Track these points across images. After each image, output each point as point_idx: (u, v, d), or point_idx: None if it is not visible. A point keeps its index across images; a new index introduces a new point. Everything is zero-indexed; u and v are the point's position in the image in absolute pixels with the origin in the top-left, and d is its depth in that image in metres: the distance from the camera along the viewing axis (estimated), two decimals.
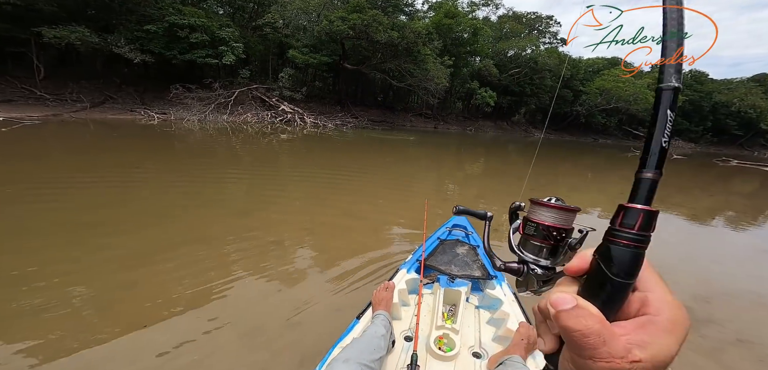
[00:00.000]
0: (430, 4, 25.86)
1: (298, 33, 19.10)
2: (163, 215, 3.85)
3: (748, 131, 35.12)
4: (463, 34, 22.46)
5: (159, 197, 4.55)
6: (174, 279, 2.49)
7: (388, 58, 18.36)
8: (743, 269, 3.71)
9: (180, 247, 3.03)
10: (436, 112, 26.46)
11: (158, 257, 2.80)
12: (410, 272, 1.76)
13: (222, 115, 15.22)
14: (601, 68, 31.87)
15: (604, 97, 28.59)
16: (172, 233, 3.39)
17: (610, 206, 6.21)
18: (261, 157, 8.41)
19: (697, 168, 15.09)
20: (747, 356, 2.13)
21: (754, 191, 10.23)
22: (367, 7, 16.58)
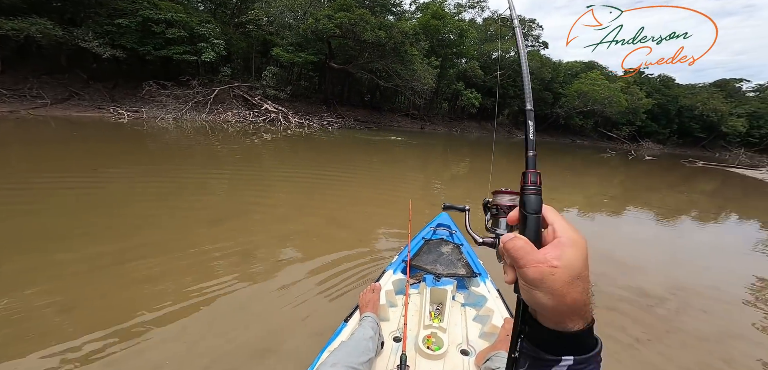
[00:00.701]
0: (418, 5, 25.62)
1: (283, 31, 18.35)
2: (127, 221, 3.36)
3: (710, 134, 37.12)
4: (449, 36, 22.37)
5: (124, 200, 4.00)
6: (146, 292, 2.23)
7: (375, 57, 17.94)
8: (705, 262, 3.93)
9: (148, 257, 2.68)
10: (423, 112, 26.31)
11: (115, 270, 2.40)
12: (396, 272, 1.75)
13: (200, 114, 14.34)
14: (579, 71, 32.78)
15: (582, 100, 29.38)
16: (139, 240, 2.94)
17: (588, 207, 6.42)
18: (242, 158, 7.83)
19: (665, 169, 15.65)
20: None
21: (715, 189, 10.68)
22: (354, 6, 16.09)
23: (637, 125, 35.27)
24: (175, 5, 13.96)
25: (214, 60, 14.64)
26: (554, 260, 0.33)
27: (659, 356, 2.03)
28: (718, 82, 41.39)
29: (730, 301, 2.85)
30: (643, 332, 2.25)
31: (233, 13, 18.55)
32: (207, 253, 2.90)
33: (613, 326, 2.25)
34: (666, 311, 2.56)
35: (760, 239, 5.20)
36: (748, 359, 2.10)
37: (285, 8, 16.93)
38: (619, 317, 2.39)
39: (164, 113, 13.42)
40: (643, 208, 6.66)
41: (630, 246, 4.21)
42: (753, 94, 40.92)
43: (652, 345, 2.13)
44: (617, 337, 2.15)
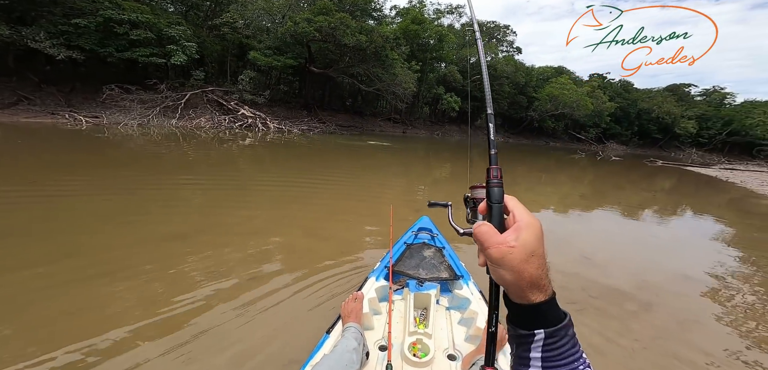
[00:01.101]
0: (398, 10, 25.72)
1: (260, 34, 17.64)
2: (71, 239, 2.90)
3: (666, 135, 40.12)
4: (429, 41, 22.58)
5: (73, 215, 3.47)
6: (99, 317, 1.97)
7: (356, 61, 17.68)
8: (669, 254, 4.16)
9: (100, 277, 2.37)
10: (405, 117, 26.33)
11: (54, 294, 2.02)
12: (379, 279, 1.71)
13: (170, 120, 13.38)
14: (550, 76, 34.32)
15: (553, 103, 30.75)
16: (87, 259, 2.52)
17: (562, 206, 6.65)
18: (215, 165, 7.26)
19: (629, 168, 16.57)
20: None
21: (673, 186, 11.43)
22: (334, 10, 15.77)
23: (603, 127, 37.41)
24: (141, 6, 12.98)
25: (185, 63, 13.75)
26: (512, 241, 0.39)
27: (633, 346, 2.11)
28: (670, 87, 44.87)
29: (694, 291, 3.00)
30: (618, 324, 2.33)
31: (206, 15, 17.62)
32: (173, 270, 2.56)
33: (590, 320, 2.32)
34: (636, 303, 2.64)
35: (715, 230, 5.64)
36: (714, 346, 2.21)
37: (262, 11, 16.28)
38: (594, 312, 2.47)
39: (128, 119, 12.38)
40: (612, 205, 7.02)
41: (601, 242, 4.38)
42: (700, 98, 44.72)
43: (626, 337, 2.20)
44: (596, 329, 2.22)
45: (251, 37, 17.41)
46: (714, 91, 44.56)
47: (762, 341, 2.29)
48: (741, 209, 7.77)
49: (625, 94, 39.83)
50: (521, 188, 8.53)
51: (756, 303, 2.92)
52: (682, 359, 2.02)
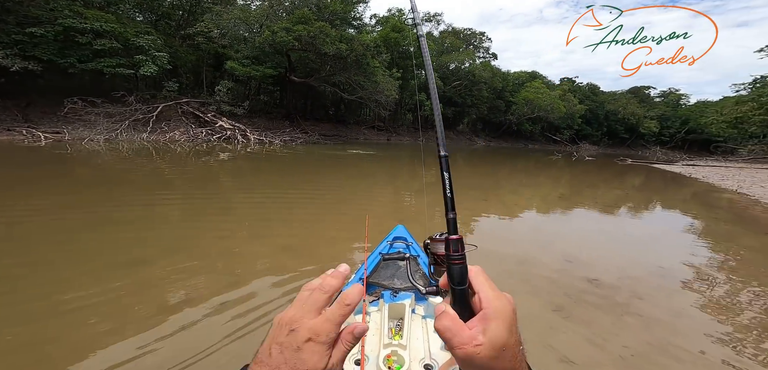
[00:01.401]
0: (378, 19, 25.88)
1: (237, 44, 17.09)
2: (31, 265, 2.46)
3: (632, 134, 42.69)
4: (409, 48, 22.79)
5: (18, 241, 2.98)
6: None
7: (337, 70, 17.49)
8: (644, 248, 4.30)
9: (54, 309, 2.07)
10: (388, 124, 26.35)
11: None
12: None
13: (141, 134, 12.56)
14: (525, 81, 35.69)
15: (529, 107, 31.93)
16: (38, 291, 2.14)
17: (543, 205, 6.71)
18: (188, 181, 6.76)
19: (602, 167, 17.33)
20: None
21: (642, 183, 12.02)
22: (313, 19, 15.55)
23: (575, 129, 39.26)
24: (105, 14, 12.20)
25: (155, 74, 13.01)
26: (479, 337, 0.33)
27: (619, 339, 2.14)
28: (632, 89, 47.98)
29: (671, 283, 3.07)
30: (602, 318, 2.37)
31: (179, 24, 16.89)
32: (129, 299, 2.27)
33: (575, 317, 2.36)
34: (619, 298, 2.70)
35: (685, 224, 5.92)
36: (694, 334, 2.27)
37: (238, 21, 15.79)
38: (579, 306, 2.51)
39: (93, 134, 11.48)
40: (588, 204, 7.24)
41: (581, 240, 4.46)
42: (659, 99, 48.08)
43: (612, 330, 2.23)
44: (580, 325, 2.25)
45: (228, 46, 16.83)
46: (670, 92, 48.12)
47: (738, 326, 2.41)
48: (706, 203, 8.19)
49: (593, 97, 42.11)
50: (505, 191, 8.68)
51: (731, 289, 3.05)
52: (671, 354, 2.03)
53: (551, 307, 2.46)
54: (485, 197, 7.05)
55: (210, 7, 16.21)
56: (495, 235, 4.50)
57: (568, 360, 1.91)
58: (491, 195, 7.72)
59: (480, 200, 6.30)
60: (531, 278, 2.92)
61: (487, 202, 6.53)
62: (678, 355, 2.05)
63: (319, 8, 17.66)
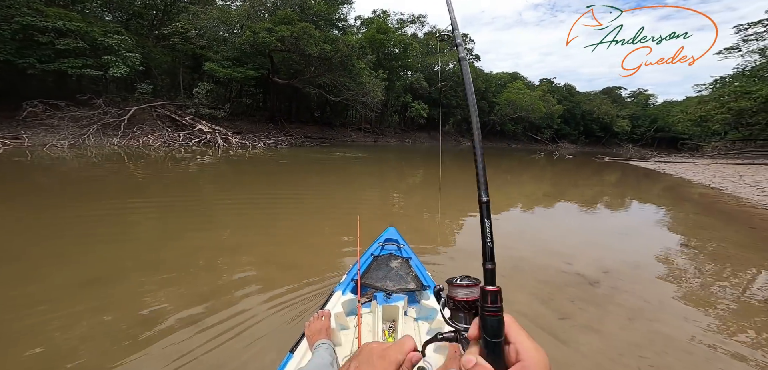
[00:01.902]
0: (363, 20, 25.65)
1: (216, 45, 16.35)
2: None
3: (606, 133, 44.57)
4: (394, 49, 22.72)
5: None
6: None
7: (322, 71, 17.08)
8: (623, 242, 4.35)
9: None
10: (375, 126, 26.12)
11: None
12: (346, 293, 1.67)
13: (111, 138, 11.70)
14: (507, 82, 36.50)
15: (511, 107, 32.65)
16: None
17: (528, 203, 6.75)
18: (160, 189, 6.23)
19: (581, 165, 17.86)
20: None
21: (618, 179, 12.44)
22: (296, 20, 15.10)
23: (555, 128, 40.54)
24: (68, 13, 11.28)
25: (126, 75, 12.17)
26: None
27: (605, 333, 2.16)
28: (605, 89, 50.19)
29: (650, 275, 3.13)
30: (588, 311, 2.39)
31: (152, 24, 15.96)
32: (85, 323, 1.93)
33: (562, 310, 2.37)
34: (602, 290, 2.74)
35: (658, 217, 6.08)
36: (677, 324, 2.29)
37: (217, 21, 15.08)
38: (565, 301, 2.53)
39: (57, 139, 10.56)
40: (570, 200, 7.38)
41: (564, 235, 4.51)
42: (630, 99, 50.53)
43: (598, 324, 2.24)
44: (568, 319, 2.26)
45: (207, 47, 16.06)
46: (639, 92, 50.74)
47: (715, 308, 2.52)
48: (680, 196, 8.49)
49: (570, 97, 43.66)
50: (492, 187, 8.64)
51: (708, 277, 3.13)
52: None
53: (539, 302, 2.44)
54: (472, 195, 6.95)
55: (186, 6, 15.40)
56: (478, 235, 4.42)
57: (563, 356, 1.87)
58: (476, 206, 7.66)
59: (458, 199, 6.29)
60: (530, 277, 2.86)
61: (475, 200, 6.43)
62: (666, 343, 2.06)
63: (303, 9, 17.22)
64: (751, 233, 4.84)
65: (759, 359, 1.95)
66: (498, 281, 0.38)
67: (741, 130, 21.58)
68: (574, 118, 43.13)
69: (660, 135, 44.20)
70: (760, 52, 20.50)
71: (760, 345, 2.08)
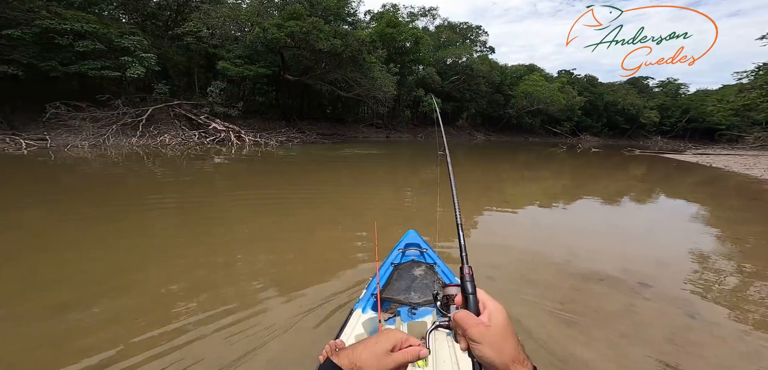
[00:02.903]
0: (372, 15, 25.17)
1: (228, 43, 16.42)
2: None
3: (633, 125, 41.97)
4: (405, 43, 22.12)
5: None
6: None
7: (332, 67, 16.81)
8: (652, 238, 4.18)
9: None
10: (387, 121, 25.69)
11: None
12: (366, 310, 1.47)
13: (130, 138, 11.94)
14: (523, 74, 34.93)
15: (528, 100, 31.24)
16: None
17: (546, 200, 6.35)
18: (181, 187, 6.15)
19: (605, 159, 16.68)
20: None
21: (667, 175, 11.39)
22: (305, 15, 14.87)
23: (575, 121, 38.56)
24: (86, 15, 11.52)
25: (143, 76, 12.36)
26: (486, 322, 0.46)
27: (630, 328, 2.02)
28: (631, 80, 47.21)
29: (678, 273, 2.91)
30: (612, 307, 2.28)
31: (167, 25, 16.20)
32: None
33: (581, 304, 2.29)
34: (623, 289, 2.57)
35: (690, 213, 5.68)
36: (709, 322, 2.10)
37: (228, 19, 15.08)
38: (586, 296, 2.42)
39: (79, 140, 10.86)
40: (594, 195, 6.96)
41: (586, 232, 4.36)
42: (658, 89, 47.32)
43: (621, 319, 2.12)
44: (588, 313, 2.17)
45: (219, 46, 16.16)
46: (668, 82, 47.40)
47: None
48: (745, 192, 7.48)
49: (591, 89, 41.31)
50: (507, 184, 8.52)
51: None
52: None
53: (556, 304, 2.25)
54: (485, 194, 6.74)
55: (198, 6, 15.51)
56: (498, 230, 4.31)
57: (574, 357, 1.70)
58: (495, 191, 7.49)
59: (474, 196, 6.11)
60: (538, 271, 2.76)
61: (490, 197, 6.33)
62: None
63: (312, 4, 16.98)
64: None
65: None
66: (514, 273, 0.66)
67: None
68: (596, 110, 40.83)
69: (693, 126, 41.18)
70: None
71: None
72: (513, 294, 2.42)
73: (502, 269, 2.88)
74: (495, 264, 2.92)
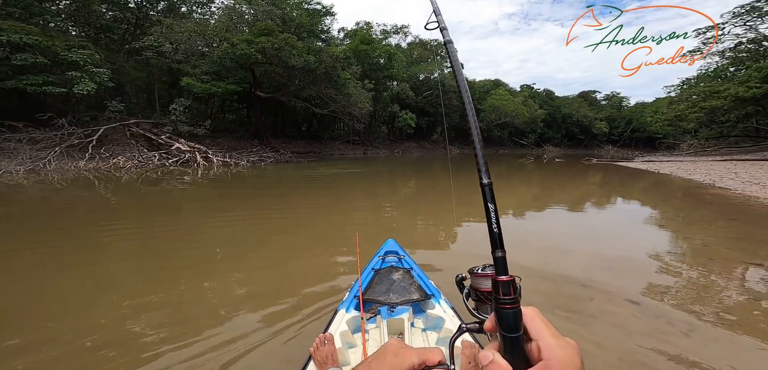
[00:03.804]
0: (346, 32, 25.42)
1: (194, 59, 15.54)
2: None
3: (587, 135, 45.94)
4: (379, 60, 22.50)
5: None
6: None
7: (306, 84, 16.51)
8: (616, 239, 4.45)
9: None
10: (364, 137, 25.64)
11: None
12: (349, 310, 1.60)
13: (77, 161, 10.63)
14: (490, 89, 37.05)
15: (496, 113, 33.05)
16: None
17: (520, 208, 6.59)
18: (134, 216, 5.41)
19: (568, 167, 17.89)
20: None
21: (622, 181, 12.28)
22: (277, 31, 14.56)
23: (539, 132, 41.39)
24: (26, 26, 10.30)
25: (93, 92, 11.18)
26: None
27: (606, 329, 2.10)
28: (582, 93, 52.02)
29: (643, 271, 3.10)
30: (583, 309, 2.35)
31: (124, 38, 15.02)
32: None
33: (560, 307, 2.33)
34: (596, 290, 2.68)
35: (645, 214, 6.17)
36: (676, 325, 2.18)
37: (193, 34, 14.30)
38: (564, 297, 2.50)
39: (13, 164, 9.45)
40: (559, 202, 7.37)
41: (557, 235, 4.53)
42: (605, 102, 52.55)
43: (595, 321, 2.18)
44: (564, 316, 2.20)
45: (184, 62, 15.21)
46: (613, 95, 52.90)
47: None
48: (692, 196, 8.25)
49: (550, 102, 44.83)
50: (480, 195, 8.52)
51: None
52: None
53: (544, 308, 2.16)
54: (467, 204, 6.81)
55: (160, 20, 14.58)
56: (479, 241, 4.24)
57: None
58: (477, 207, 7.44)
59: (459, 208, 6.22)
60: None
61: (469, 206, 6.39)
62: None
63: (284, 21, 16.74)
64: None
65: None
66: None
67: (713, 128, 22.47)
68: (555, 122, 44.22)
69: (636, 135, 45.91)
70: (720, 54, 21.56)
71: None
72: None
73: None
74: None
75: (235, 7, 16.18)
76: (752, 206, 6.36)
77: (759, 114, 18.21)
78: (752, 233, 4.58)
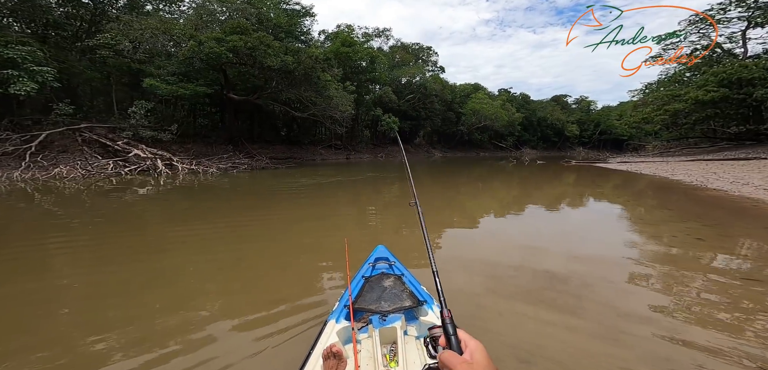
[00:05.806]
0: (327, 35, 24.62)
1: (158, 59, 14.16)
2: None
3: (560, 138, 47.56)
4: (361, 63, 21.86)
5: None
6: None
7: (285, 86, 15.52)
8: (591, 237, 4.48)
9: None
10: (346, 142, 24.81)
11: None
12: (340, 320, 1.57)
13: (11, 171, 9.13)
14: (470, 92, 37.38)
15: (477, 117, 33.32)
16: None
17: (501, 210, 6.55)
18: (68, 229, 4.32)
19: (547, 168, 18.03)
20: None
21: (576, 178, 12.44)
22: (250, 30, 13.55)
23: (517, 136, 42.27)
24: None
25: (34, 92, 9.70)
26: (469, 359, 0.51)
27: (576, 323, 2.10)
28: (554, 97, 53.98)
29: (615, 265, 3.19)
30: (560, 303, 2.35)
31: (76, 35, 13.42)
32: None
33: (539, 303, 2.35)
34: (573, 285, 2.67)
35: (616, 212, 6.29)
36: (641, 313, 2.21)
37: (157, 32, 12.98)
38: (539, 292, 2.51)
39: None
40: (537, 202, 7.46)
41: (535, 234, 4.57)
42: (575, 106, 54.85)
43: (569, 315, 2.18)
44: (541, 312, 2.23)
45: (146, 62, 13.81)
46: (582, 99, 55.37)
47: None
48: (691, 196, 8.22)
49: (526, 106, 46.01)
50: (466, 197, 8.41)
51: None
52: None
53: (516, 301, 2.36)
54: (446, 207, 6.74)
55: (118, 16, 13.15)
56: (460, 241, 4.37)
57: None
58: (454, 203, 7.48)
59: (436, 207, 6.14)
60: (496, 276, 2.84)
61: (451, 210, 6.35)
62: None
63: (260, 21, 15.72)
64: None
65: None
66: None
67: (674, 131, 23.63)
68: (532, 125, 45.38)
69: (604, 138, 48.10)
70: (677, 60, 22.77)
71: None
72: (487, 310, 2.35)
73: (471, 286, 2.80)
74: (463, 285, 2.81)
75: (205, 5, 14.99)
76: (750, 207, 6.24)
77: (717, 117, 19.22)
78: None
